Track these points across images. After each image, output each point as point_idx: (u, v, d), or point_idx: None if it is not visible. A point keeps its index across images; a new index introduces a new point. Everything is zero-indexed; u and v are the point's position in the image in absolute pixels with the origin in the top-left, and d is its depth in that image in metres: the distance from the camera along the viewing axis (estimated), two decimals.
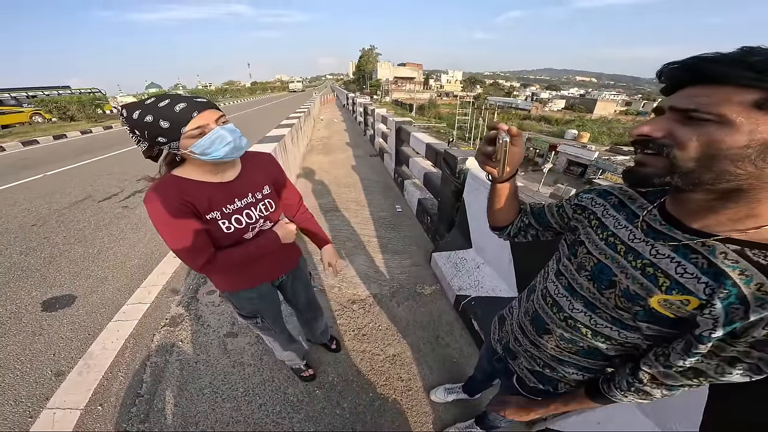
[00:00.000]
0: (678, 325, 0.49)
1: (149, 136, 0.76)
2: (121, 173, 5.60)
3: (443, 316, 2.04)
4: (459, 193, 2.31)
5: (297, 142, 5.20)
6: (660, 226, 0.52)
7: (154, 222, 0.82)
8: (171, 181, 0.84)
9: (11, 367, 1.76)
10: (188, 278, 2.44)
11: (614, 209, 0.61)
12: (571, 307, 0.63)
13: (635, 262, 0.52)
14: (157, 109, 0.74)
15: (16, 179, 5.40)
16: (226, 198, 0.90)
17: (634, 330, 0.55)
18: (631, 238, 0.55)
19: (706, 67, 0.40)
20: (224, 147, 0.80)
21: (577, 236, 0.66)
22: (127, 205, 4.10)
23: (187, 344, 1.85)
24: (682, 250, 0.48)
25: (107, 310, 2.16)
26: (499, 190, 0.75)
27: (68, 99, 15.45)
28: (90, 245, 3.07)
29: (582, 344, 0.63)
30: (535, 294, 0.76)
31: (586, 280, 0.61)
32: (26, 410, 1.53)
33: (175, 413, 1.48)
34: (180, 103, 0.75)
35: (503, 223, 0.83)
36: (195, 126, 0.76)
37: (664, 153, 0.44)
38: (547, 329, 0.69)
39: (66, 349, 1.88)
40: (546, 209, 0.78)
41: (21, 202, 4.30)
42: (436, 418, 1.47)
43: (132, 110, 0.76)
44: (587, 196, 0.68)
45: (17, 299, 2.31)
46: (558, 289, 0.67)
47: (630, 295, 0.52)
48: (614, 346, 0.59)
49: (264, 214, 0.99)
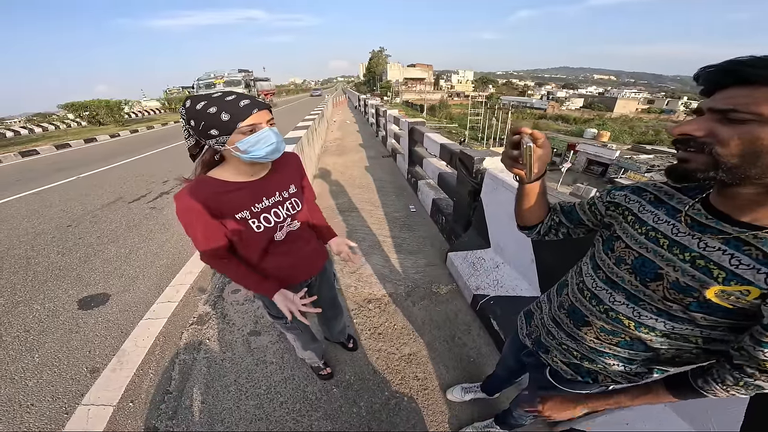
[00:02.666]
0: (737, 315, 0.50)
1: (204, 127, 0.79)
2: (148, 175, 5.83)
3: (460, 315, 2.04)
4: (476, 193, 2.31)
5: (312, 144, 5.30)
6: (706, 219, 0.53)
7: (182, 222, 0.87)
8: (202, 183, 0.88)
9: (49, 364, 1.85)
10: (214, 277, 2.54)
11: (651, 205, 0.62)
12: (612, 300, 0.65)
13: (683, 255, 0.54)
14: (223, 102, 0.78)
15: (51, 182, 5.74)
16: (255, 197, 0.93)
17: (685, 321, 0.55)
18: (675, 232, 0.56)
19: (744, 70, 0.42)
20: (267, 147, 0.84)
21: (613, 232, 0.67)
22: (155, 206, 4.28)
23: (213, 342, 1.92)
24: (734, 242, 0.49)
25: (139, 309, 2.27)
26: (528, 191, 0.76)
27: (97, 103, 16.28)
28: (122, 245, 3.22)
29: (624, 336, 0.64)
30: (568, 288, 0.77)
31: (627, 273, 0.62)
32: (62, 406, 1.60)
33: (201, 410, 1.52)
34: (244, 100, 0.80)
35: (533, 222, 0.84)
36: (250, 123, 0.80)
37: (706, 150, 0.46)
38: (587, 321, 0.70)
39: (101, 346, 1.97)
40: (577, 207, 0.79)
41: (56, 203, 4.57)
42: (453, 417, 1.46)
43: (197, 101, 0.79)
44: (620, 193, 0.69)
45: (55, 298, 2.45)
46: (596, 282, 0.69)
47: (681, 287, 0.53)
48: (658, 337, 0.60)
49: (291, 212, 1.02)
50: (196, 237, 0.90)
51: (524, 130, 0.64)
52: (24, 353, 1.94)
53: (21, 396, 1.67)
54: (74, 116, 16.86)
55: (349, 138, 8.69)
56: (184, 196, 0.85)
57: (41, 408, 1.60)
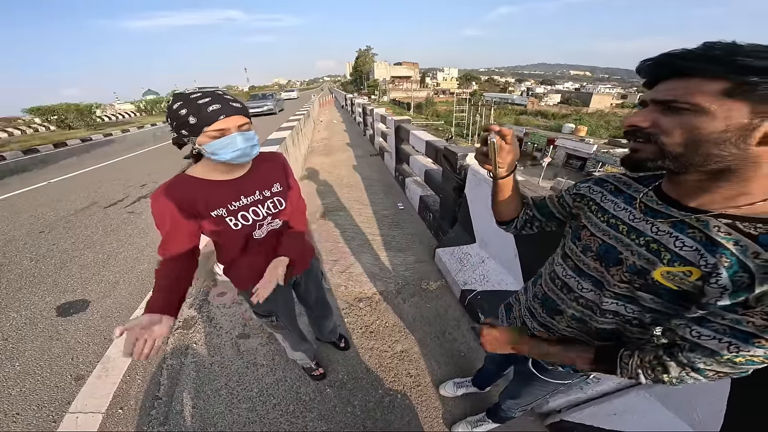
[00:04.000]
0: (681, 298, 0.53)
1: (176, 126, 0.82)
2: (124, 179, 5.63)
3: (449, 311, 2.07)
4: (460, 189, 2.34)
5: (298, 144, 5.23)
6: (657, 205, 0.57)
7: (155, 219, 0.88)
8: (178, 182, 0.89)
9: (31, 372, 1.79)
10: (198, 281, 2.48)
11: (612, 195, 0.66)
12: (581, 287, 0.68)
13: (639, 239, 0.57)
14: (195, 105, 0.79)
15: (19, 187, 5.44)
16: (232, 195, 0.93)
17: (637, 303, 0.58)
18: (632, 219, 0.60)
19: (676, 62, 0.45)
20: (233, 152, 0.84)
21: (580, 221, 0.71)
22: (133, 211, 4.14)
23: (201, 346, 1.88)
24: (680, 225, 0.52)
25: (121, 314, 2.20)
26: (501, 186, 0.80)
27: (65, 107, 15.49)
28: (99, 251, 3.11)
29: (592, 323, 0.67)
30: (542, 278, 0.81)
31: (592, 260, 0.65)
32: (49, 415, 1.56)
33: (193, 415, 1.51)
34: (215, 104, 0.80)
35: (509, 218, 0.87)
36: (217, 128, 0.80)
37: (653, 140, 0.49)
38: (559, 310, 0.73)
39: (84, 353, 1.91)
40: (548, 200, 0.82)
41: (26, 209, 4.34)
42: (446, 412, 1.48)
43: (177, 100, 0.82)
44: (584, 185, 0.73)
45: (31, 305, 2.35)
46: (566, 270, 0.71)
47: (636, 269, 0.56)
48: (624, 324, 0.62)
49: (272, 211, 1.02)
50: (161, 233, 0.91)
51: (492, 127, 0.69)
52: (4, 362, 1.88)
53: (5, 405, 1.62)
54: (41, 120, 16.01)
55: (336, 137, 8.62)
56: (158, 196, 0.86)
57: (27, 417, 1.56)
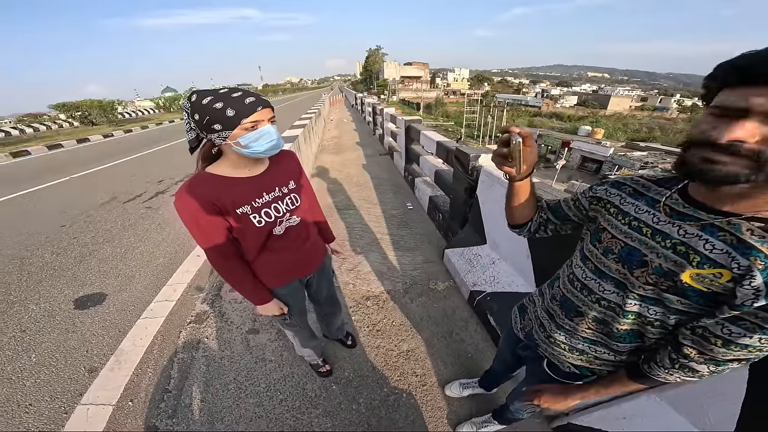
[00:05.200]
0: (709, 300, 0.52)
1: (208, 121, 0.81)
2: (143, 175, 5.80)
3: (457, 311, 2.06)
4: (472, 190, 2.32)
5: (309, 142, 5.28)
6: (683, 208, 0.56)
7: (183, 220, 0.87)
8: (202, 179, 0.89)
9: (47, 363, 1.85)
10: (211, 276, 2.53)
11: (631, 197, 0.65)
12: (602, 289, 0.67)
13: (665, 242, 0.56)
14: (230, 99, 0.80)
15: (43, 182, 5.67)
16: (255, 192, 0.95)
17: (663, 305, 0.58)
18: (656, 221, 0.59)
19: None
20: (268, 143, 0.87)
21: (598, 224, 0.70)
22: (150, 206, 4.25)
23: (212, 341, 1.92)
24: (709, 228, 0.51)
25: (136, 308, 2.26)
26: (517, 189, 0.78)
27: (89, 104, 16.06)
28: (117, 245, 3.21)
29: (614, 325, 0.66)
30: (560, 280, 0.79)
31: (614, 262, 0.64)
32: (61, 406, 1.60)
33: (201, 409, 1.52)
34: (250, 97, 0.83)
35: (523, 220, 0.86)
36: (254, 119, 0.82)
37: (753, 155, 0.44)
38: (579, 312, 0.72)
39: (98, 345, 1.97)
40: (563, 203, 0.81)
41: (50, 204, 4.52)
42: (451, 412, 1.47)
43: (203, 96, 0.82)
44: (601, 188, 0.72)
45: (50, 297, 2.44)
46: (585, 273, 0.71)
47: (663, 271, 0.55)
48: (645, 325, 0.62)
49: (290, 208, 1.03)
50: (196, 235, 0.91)
51: (513, 128, 0.67)
52: (21, 353, 1.94)
53: (19, 396, 1.66)
54: (66, 116, 16.64)
55: (346, 136, 8.67)
56: (183, 195, 0.85)
57: (40, 408, 1.60)
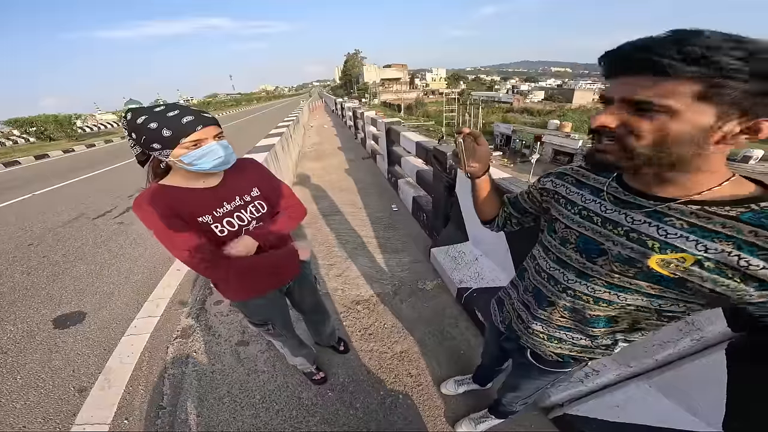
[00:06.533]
0: (676, 283, 0.52)
1: (145, 141, 0.79)
2: (111, 190, 5.53)
3: (447, 309, 2.10)
4: (451, 188, 2.37)
5: (288, 151, 5.22)
6: (624, 196, 0.57)
7: (150, 227, 0.83)
8: (158, 190, 0.86)
9: (33, 385, 1.78)
10: (195, 290, 2.47)
11: (575, 187, 0.67)
12: (566, 278, 0.67)
13: (616, 230, 0.57)
14: (165, 118, 0.78)
15: (4, 200, 5.31)
16: (215, 202, 0.93)
17: (633, 291, 0.58)
18: (603, 210, 0.60)
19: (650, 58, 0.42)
20: (213, 161, 0.85)
21: (551, 215, 0.72)
22: (122, 222, 4.08)
23: (201, 355, 1.88)
24: (654, 215, 0.52)
25: (118, 325, 2.18)
26: (479, 186, 0.83)
27: (44, 118, 15.18)
28: (91, 262, 3.07)
29: (585, 312, 0.66)
30: (528, 272, 0.81)
31: (573, 251, 0.65)
32: (56, 427, 1.55)
33: (198, 423, 1.51)
34: (188, 116, 0.79)
35: (490, 216, 0.90)
36: (194, 139, 0.80)
37: (619, 140, 0.49)
38: (550, 301, 0.73)
39: (84, 365, 1.90)
40: (520, 197, 0.85)
41: (13, 222, 4.25)
42: (448, 410, 1.49)
43: (138, 115, 0.79)
44: (547, 179, 0.75)
45: (27, 318, 2.33)
46: (548, 263, 0.72)
47: (624, 258, 0.55)
48: (615, 310, 0.62)
49: (255, 215, 1.01)
50: (166, 242, 0.85)
51: (464, 130, 0.74)
52: (5, 375, 1.86)
53: (11, 419, 1.60)
54: (20, 132, 15.63)
55: (327, 142, 8.60)
56: (142, 204, 0.83)
57: (33, 430, 1.55)
